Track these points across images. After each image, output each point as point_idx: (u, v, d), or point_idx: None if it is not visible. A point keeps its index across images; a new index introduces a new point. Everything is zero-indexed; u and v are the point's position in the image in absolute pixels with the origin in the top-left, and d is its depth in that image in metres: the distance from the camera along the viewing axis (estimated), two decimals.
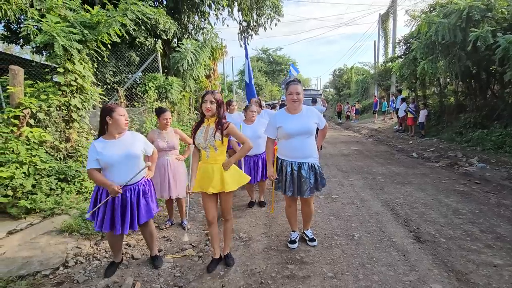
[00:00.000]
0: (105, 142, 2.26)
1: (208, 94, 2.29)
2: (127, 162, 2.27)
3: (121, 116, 2.25)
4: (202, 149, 2.36)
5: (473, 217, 3.44)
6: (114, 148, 2.24)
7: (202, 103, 2.30)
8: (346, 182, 5.06)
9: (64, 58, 3.82)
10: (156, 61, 7.43)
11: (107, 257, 2.79)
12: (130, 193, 2.33)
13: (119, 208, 2.29)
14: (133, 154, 2.30)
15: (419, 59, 8.28)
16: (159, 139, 3.12)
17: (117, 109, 2.26)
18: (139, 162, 2.37)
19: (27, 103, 3.57)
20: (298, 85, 2.54)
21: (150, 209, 2.44)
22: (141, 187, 2.40)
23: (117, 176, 2.26)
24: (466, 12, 6.15)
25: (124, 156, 2.25)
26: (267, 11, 11.95)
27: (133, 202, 2.33)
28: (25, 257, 2.62)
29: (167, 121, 3.15)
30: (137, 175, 2.33)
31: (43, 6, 3.96)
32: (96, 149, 2.22)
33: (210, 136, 2.30)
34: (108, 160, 2.20)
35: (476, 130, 7.78)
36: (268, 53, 35.76)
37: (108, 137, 2.29)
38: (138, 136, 2.45)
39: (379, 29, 20.13)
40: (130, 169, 2.29)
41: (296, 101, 2.53)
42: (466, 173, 5.56)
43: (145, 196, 2.42)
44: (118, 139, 2.30)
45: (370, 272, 2.39)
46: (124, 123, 2.28)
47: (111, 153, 2.21)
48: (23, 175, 3.32)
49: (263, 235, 3.17)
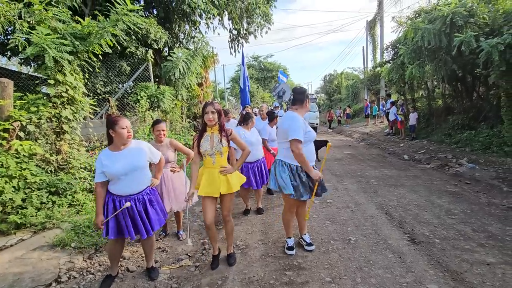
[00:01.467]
0: (111, 154, 2.27)
1: (209, 106, 2.45)
2: (133, 173, 2.28)
3: (123, 129, 2.22)
4: (209, 156, 2.49)
5: (465, 217, 3.51)
6: (120, 160, 2.24)
7: (204, 114, 2.45)
8: (340, 186, 5.10)
9: (55, 70, 3.79)
10: (148, 70, 7.43)
11: (102, 271, 2.73)
12: (135, 203, 2.32)
13: (128, 217, 2.30)
14: (138, 166, 2.30)
15: (406, 63, 8.51)
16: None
17: (120, 121, 2.23)
18: (145, 172, 2.40)
19: (17, 115, 3.51)
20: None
21: (160, 217, 2.47)
22: (146, 196, 2.39)
23: (124, 188, 2.27)
24: (449, 18, 6.37)
25: (130, 169, 2.25)
26: (257, 19, 12.14)
27: (140, 211, 2.33)
28: (16, 273, 2.55)
29: (160, 133, 3.03)
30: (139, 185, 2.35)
31: (32, 18, 3.94)
32: (102, 162, 2.22)
33: (217, 143, 2.47)
34: (114, 173, 2.21)
35: (464, 131, 7.98)
36: (259, 60, 36.10)
37: (114, 148, 2.30)
38: (143, 145, 2.45)
39: (367, 35, 20.62)
40: (136, 180, 2.31)
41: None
42: (456, 174, 5.68)
43: (153, 205, 2.43)
44: (124, 150, 2.30)
45: (367, 275, 2.40)
46: (127, 136, 2.25)
47: (116, 166, 2.21)
48: (13, 189, 3.25)
49: (260, 242, 3.16)
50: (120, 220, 2.29)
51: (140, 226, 2.31)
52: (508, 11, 6.16)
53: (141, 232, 2.33)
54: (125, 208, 2.28)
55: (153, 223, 2.39)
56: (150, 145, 2.55)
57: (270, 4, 12.40)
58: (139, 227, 2.31)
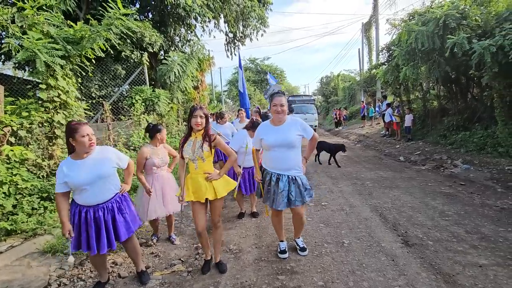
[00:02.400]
0: (73, 162, 2.13)
1: (198, 110, 2.45)
2: (98, 182, 2.16)
3: (83, 137, 2.07)
4: (191, 161, 2.47)
5: (458, 218, 3.51)
6: (83, 169, 2.10)
7: (192, 118, 2.42)
8: (335, 189, 5.10)
9: (47, 74, 3.77)
10: (143, 74, 7.41)
11: (92, 277, 2.70)
12: (103, 212, 2.21)
13: (93, 227, 2.18)
14: (103, 175, 2.18)
15: (401, 65, 8.56)
16: (153, 155, 3.07)
17: (80, 129, 2.08)
18: (112, 179, 2.28)
19: (8, 121, 3.48)
20: (282, 97, 2.60)
21: (129, 226, 2.34)
22: (115, 204, 2.28)
23: (90, 198, 2.17)
24: (442, 20, 6.43)
25: (94, 178, 2.13)
26: (253, 22, 12.19)
27: (107, 221, 2.22)
28: (4, 281, 2.51)
29: (164, 137, 3.20)
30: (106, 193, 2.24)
31: (24, 22, 3.92)
32: (63, 172, 2.08)
33: (197, 148, 2.44)
34: (77, 182, 2.08)
35: (459, 132, 8.03)
36: (256, 62, 36.24)
37: (76, 156, 2.16)
38: (108, 151, 2.31)
39: (362, 37, 20.74)
40: (103, 189, 2.20)
41: (280, 113, 2.57)
42: (451, 175, 5.69)
43: (122, 213, 2.31)
44: (87, 159, 2.15)
45: (360, 278, 2.39)
46: (88, 144, 2.11)
47: (79, 175, 2.08)
48: (3, 196, 3.21)
49: (254, 246, 3.14)
50: (82, 232, 2.18)
51: (102, 239, 2.19)
52: (500, 13, 6.22)
53: (102, 246, 2.19)
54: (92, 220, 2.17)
55: (120, 234, 2.27)
56: (116, 150, 2.42)
57: (265, 8, 12.46)
58: (102, 239, 2.19)
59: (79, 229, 2.19)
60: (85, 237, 2.19)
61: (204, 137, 2.46)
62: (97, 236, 2.21)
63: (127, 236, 2.34)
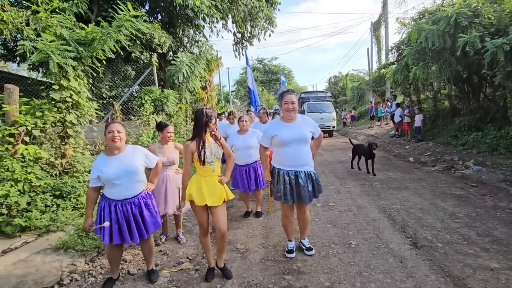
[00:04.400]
0: (106, 158, 2.32)
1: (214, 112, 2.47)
2: (126, 178, 2.30)
3: (109, 133, 2.25)
4: (208, 164, 2.37)
5: (469, 220, 3.44)
6: (114, 165, 2.27)
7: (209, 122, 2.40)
8: (343, 189, 5.06)
9: (59, 75, 3.87)
10: (152, 74, 7.51)
11: (103, 273, 2.76)
12: (131, 206, 2.35)
13: (123, 221, 2.31)
14: (131, 170, 2.31)
15: (410, 65, 8.43)
16: (159, 153, 3.12)
17: (108, 126, 2.28)
18: (139, 176, 2.41)
19: (22, 120, 3.58)
20: (292, 94, 2.64)
21: (156, 220, 2.47)
22: (141, 200, 2.42)
23: (118, 192, 2.30)
24: (454, 19, 6.30)
25: (123, 173, 2.27)
26: (261, 22, 12.20)
27: (135, 215, 2.35)
28: (19, 276, 2.59)
29: (170, 135, 3.21)
30: (133, 189, 2.37)
31: (38, 25, 4.03)
32: (97, 166, 2.27)
33: (215, 148, 2.42)
34: (107, 177, 2.24)
35: (471, 133, 7.85)
36: (264, 63, 36.25)
37: (108, 153, 2.35)
38: (138, 150, 2.47)
39: (371, 36, 20.50)
40: (130, 185, 2.33)
41: (292, 111, 2.60)
42: (462, 176, 5.58)
43: (148, 208, 2.44)
44: (118, 155, 2.33)
45: (367, 280, 2.37)
46: (111, 139, 2.26)
47: (110, 170, 2.24)
48: (18, 193, 3.31)
49: (260, 245, 3.15)
50: (113, 224, 2.30)
51: (133, 230, 2.33)
52: None
53: (134, 236, 2.35)
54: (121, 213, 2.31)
55: (148, 227, 2.41)
56: (146, 150, 2.56)
57: (273, 8, 12.46)
58: (133, 230, 2.33)
59: (110, 222, 2.29)
60: (116, 229, 2.30)
61: (214, 136, 2.46)
62: (128, 229, 2.34)
63: (154, 230, 2.46)
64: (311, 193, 2.64)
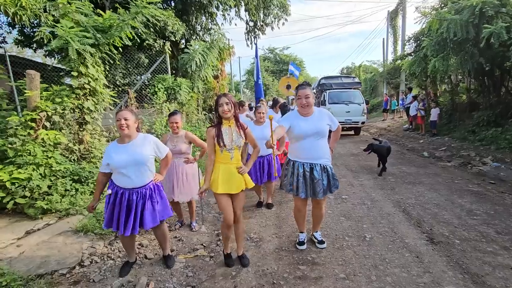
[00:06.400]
0: (117, 146, 2.31)
1: (222, 97, 2.33)
2: (135, 167, 2.27)
3: (118, 120, 2.24)
4: (227, 151, 2.34)
5: (488, 218, 3.37)
6: (123, 153, 2.25)
7: (219, 107, 2.32)
8: (356, 182, 5.02)
9: (78, 62, 3.91)
10: (165, 62, 7.51)
11: (121, 256, 2.85)
12: (137, 196, 2.32)
13: (124, 209, 2.29)
14: (139, 160, 2.27)
15: (429, 56, 8.14)
16: (169, 141, 3.14)
17: (118, 113, 2.26)
18: (147, 166, 2.36)
19: (43, 106, 3.66)
20: (306, 88, 2.53)
21: (155, 216, 2.38)
22: (148, 191, 2.36)
23: (126, 181, 2.28)
24: (479, 8, 6.01)
25: (130, 161, 2.24)
26: (274, 10, 11.93)
27: (138, 206, 2.31)
28: (43, 256, 2.70)
29: (173, 125, 3.11)
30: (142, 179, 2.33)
31: (57, 11, 4.06)
32: (108, 153, 2.28)
33: (236, 137, 2.36)
34: (116, 164, 2.23)
35: (490, 128, 7.60)
36: (275, 52, 35.66)
37: (120, 141, 2.34)
38: (149, 139, 2.40)
39: (387, 26, 19.85)
40: (137, 174, 2.29)
41: (306, 106, 2.51)
42: (479, 173, 5.44)
43: (152, 201, 2.38)
44: (128, 143, 2.29)
45: (383, 273, 2.37)
46: (119, 126, 2.24)
47: (119, 158, 2.23)
48: (40, 177, 3.42)
49: (274, 235, 3.18)
50: (115, 213, 2.30)
51: (130, 220, 2.29)
52: None
53: (128, 226, 2.28)
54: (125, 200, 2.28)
55: (145, 221, 2.32)
56: (157, 140, 2.49)
57: None
58: (129, 220, 2.29)
59: (113, 209, 2.31)
60: (116, 217, 2.32)
61: (237, 124, 2.40)
62: (126, 219, 2.31)
63: (152, 226, 2.37)
64: (326, 187, 2.58)
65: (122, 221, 2.29)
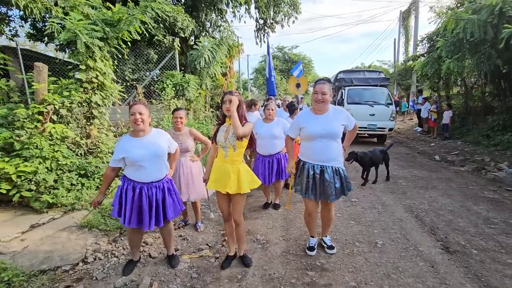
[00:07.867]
0: (131, 139, 2.26)
1: (227, 95, 2.30)
2: (154, 160, 2.27)
3: (132, 115, 2.20)
4: (221, 147, 2.37)
5: (506, 227, 3.21)
6: (140, 147, 2.22)
7: (222, 104, 2.32)
8: (365, 185, 4.88)
9: (86, 55, 3.87)
10: (174, 58, 7.46)
11: (125, 254, 2.79)
12: (156, 190, 2.32)
13: (147, 204, 2.28)
14: (159, 153, 2.28)
15: (444, 57, 7.90)
16: (174, 139, 3.06)
17: (132, 107, 2.22)
18: (165, 160, 2.39)
19: (51, 99, 3.63)
20: (324, 84, 2.40)
21: (176, 207, 2.46)
22: (165, 184, 2.39)
23: (145, 175, 2.26)
24: (499, 8, 5.77)
25: (150, 155, 2.24)
26: (285, 8, 11.78)
27: (158, 199, 2.33)
28: (46, 251, 2.67)
29: (177, 120, 3.02)
30: (160, 172, 2.34)
31: (66, 4, 4.02)
32: (123, 147, 2.22)
33: (231, 135, 2.31)
34: (134, 158, 2.19)
35: (506, 133, 7.35)
36: (284, 51, 35.39)
37: (133, 134, 2.30)
38: (163, 134, 2.43)
39: (399, 26, 19.48)
40: (157, 168, 2.30)
41: (321, 102, 2.40)
42: (495, 179, 5.24)
43: (170, 193, 2.42)
44: (144, 137, 2.28)
45: (396, 283, 2.26)
46: (133, 121, 2.20)
47: (138, 151, 2.20)
48: (46, 170, 3.38)
49: (281, 238, 3.08)
50: (134, 208, 2.26)
51: (153, 214, 2.30)
52: None
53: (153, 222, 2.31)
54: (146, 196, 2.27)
55: (168, 212, 2.37)
56: (169, 135, 2.51)
57: None
58: (152, 215, 2.29)
59: (132, 205, 2.26)
60: (136, 213, 2.27)
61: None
62: (149, 213, 2.30)
63: (174, 216, 2.45)
64: (339, 189, 2.47)
65: (147, 216, 2.27)
